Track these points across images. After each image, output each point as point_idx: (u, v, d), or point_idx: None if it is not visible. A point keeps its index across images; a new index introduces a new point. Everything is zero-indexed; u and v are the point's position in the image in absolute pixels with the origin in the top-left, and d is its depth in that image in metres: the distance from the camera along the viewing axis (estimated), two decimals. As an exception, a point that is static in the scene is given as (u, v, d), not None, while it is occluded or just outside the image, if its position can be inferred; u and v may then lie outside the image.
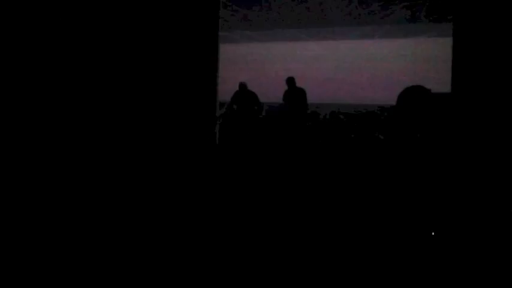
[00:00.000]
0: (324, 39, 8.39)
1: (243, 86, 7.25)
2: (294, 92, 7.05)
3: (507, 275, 1.95)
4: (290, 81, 7.09)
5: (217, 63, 5.21)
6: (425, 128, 2.83)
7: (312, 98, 7.15)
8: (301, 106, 7.02)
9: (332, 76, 8.34)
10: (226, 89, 7.04)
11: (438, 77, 6.70)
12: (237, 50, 8.97)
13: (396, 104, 3.15)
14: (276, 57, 8.96)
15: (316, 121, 7.68)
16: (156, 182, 4.69)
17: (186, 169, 4.99)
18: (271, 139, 6.96)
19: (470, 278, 1.93)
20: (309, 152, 6.35)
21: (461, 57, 4.94)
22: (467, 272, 1.99)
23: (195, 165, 5.04)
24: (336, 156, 6.08)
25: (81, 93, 5.19)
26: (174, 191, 4.41)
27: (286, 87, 7.12)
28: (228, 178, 5.05)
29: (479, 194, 3.21)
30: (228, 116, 7.17)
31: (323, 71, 8.46)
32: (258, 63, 8.92)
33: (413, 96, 2.99)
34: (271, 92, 7.62)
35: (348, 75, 8.31)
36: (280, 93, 7.17)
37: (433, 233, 2.46)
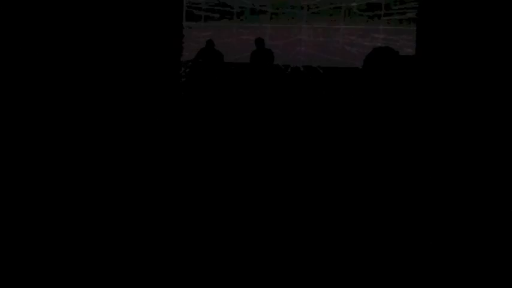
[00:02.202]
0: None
1: (210, 43, 7.13)
2: (261, 52, 7.06)
3: (507, 275, 1.96)
4: (259, 41, 7.04)
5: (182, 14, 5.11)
6: (392, 90, 2.76)
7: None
8: (268, 66, 7.09)
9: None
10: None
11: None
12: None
13: (363, 66, 3.06)
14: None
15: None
16: (118, 132, 4.58)
17: (150, 118, 4.94)
18: (237, 98, 6.95)
19: (470, 278, 1.93)
20: (274, 110, 6.42)
21: (425, 19, 4.95)
22: (467, 271, 1.98)
23: (158, 114, 5.01)
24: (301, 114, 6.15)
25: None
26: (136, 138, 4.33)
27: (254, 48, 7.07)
28: (191, 128, 5.08)
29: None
30: (194, 71, 7.07)
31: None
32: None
33: (382, 57, 2.91)
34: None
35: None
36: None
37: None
